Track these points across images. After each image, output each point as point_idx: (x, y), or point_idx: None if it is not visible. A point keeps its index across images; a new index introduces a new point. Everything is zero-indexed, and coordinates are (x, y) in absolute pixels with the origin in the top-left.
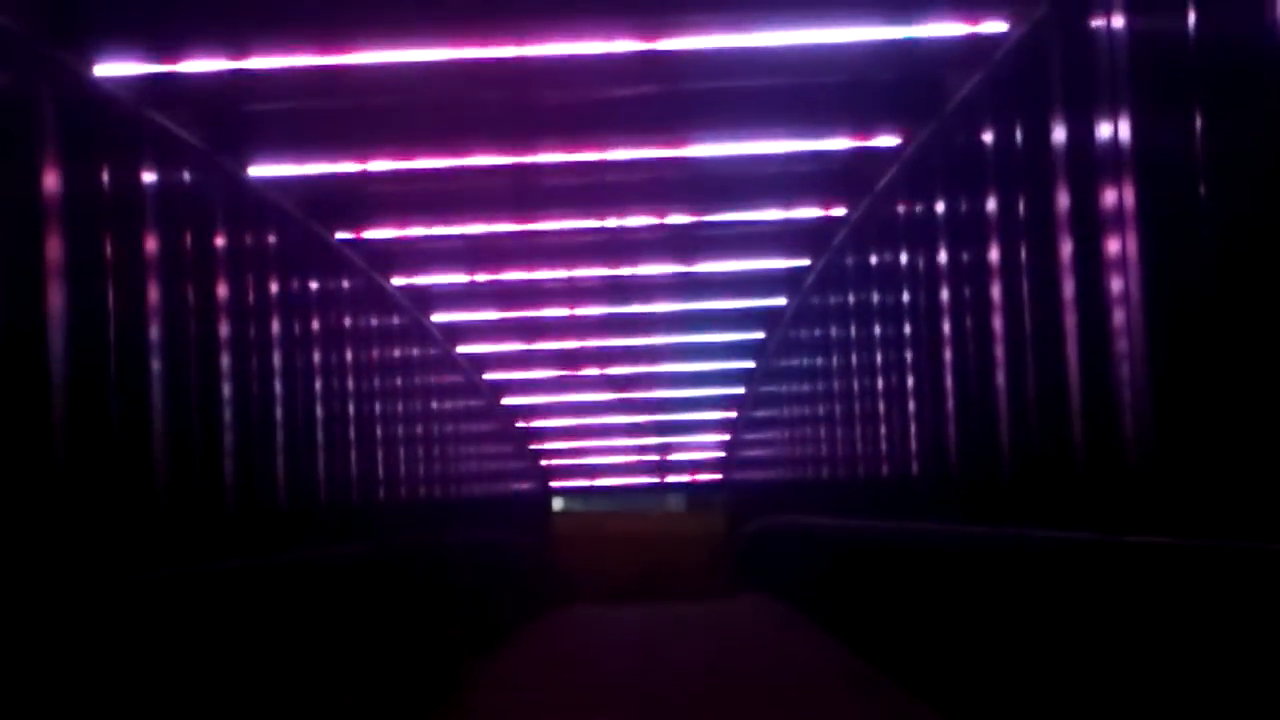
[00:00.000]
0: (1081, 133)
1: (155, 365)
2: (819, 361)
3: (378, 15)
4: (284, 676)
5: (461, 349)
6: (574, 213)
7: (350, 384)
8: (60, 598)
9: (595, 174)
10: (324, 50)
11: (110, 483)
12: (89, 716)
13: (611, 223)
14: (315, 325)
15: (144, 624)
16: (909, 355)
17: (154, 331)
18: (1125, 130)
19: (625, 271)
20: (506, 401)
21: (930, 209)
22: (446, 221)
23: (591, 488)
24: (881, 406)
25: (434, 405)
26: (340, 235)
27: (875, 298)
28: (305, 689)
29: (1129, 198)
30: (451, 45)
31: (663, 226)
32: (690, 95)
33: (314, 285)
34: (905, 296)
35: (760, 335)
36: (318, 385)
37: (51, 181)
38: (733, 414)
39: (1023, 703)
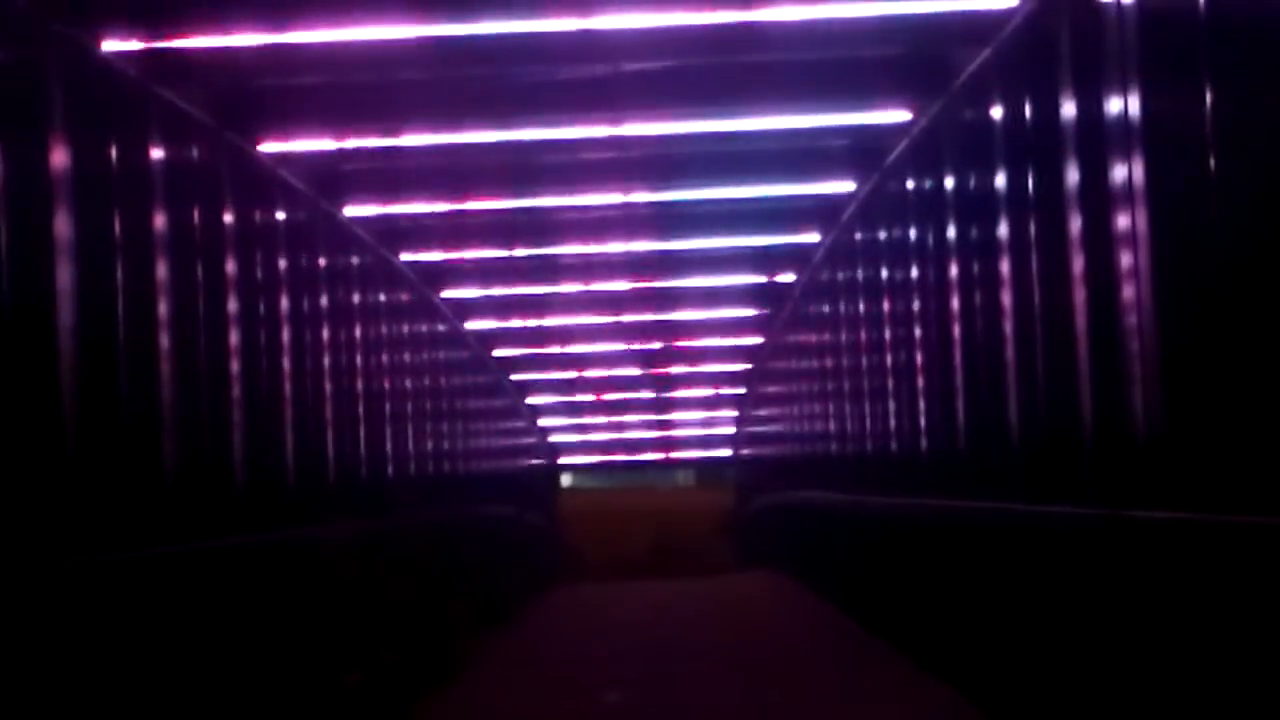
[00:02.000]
0: (1091, 108)
1: (164, 341)
2: (828, 337)
3: None
4: (290, 654)
5: (470, 325)
6: (583, 188)
7: (358, 360)
8: (61, 576)
9: (605, 149)
10: (332, 25)
11: (118, 458)
12: (92, 690)
13: (620, 198)
14: (323, 301)
15: (151, 600)
16: (918, 331)
17: (162, 307)
18: (1135, 105)
19: (634, 248)
20: (515, 378)
21: (939, 184)
22: (455, 197)
23: (600, 464)
24: (890, 382)
25: (442, 381)
26: (348, 211)
27: (884, 273)
28: (312, 666)
29: (1138, 173)
30: (464, 21)
31: (671, 202)
32: (698, 70)
33: (322, 261)
34: (914, 272)
35: (769, 311)
36: (326, 361)
37: (59, 158)
38: (742, 390)
39: (1035, 674)
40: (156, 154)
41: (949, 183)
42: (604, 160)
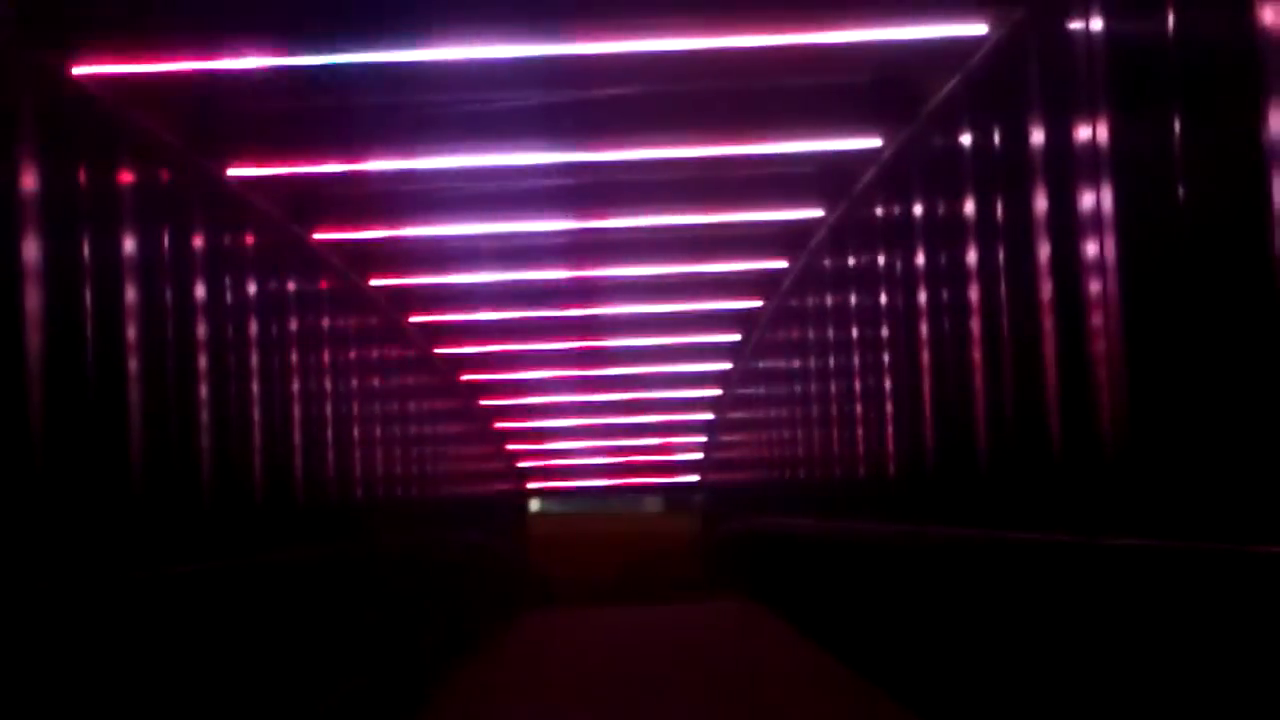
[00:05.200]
0: (1059, 135)
1: (132, 365)
2: (796, 363)
3: (358, 15)
4: (260, 681)
5: (439, 350)
6: (553, 214)
7: (327, 384)
8: (54, 598)
9: (574, 175)
10: (301, 51)
11: (87, 482)
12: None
13: (590, 224)
14: (292, 325)
15: (113, 627)
16: (886, 357)
17: (131, 330)
18: (1103, 133)
19: (604, 273)
20: (484, 403)
21: (908, 211)
22: (424, 222)
23: (568, 489)
24: (859, 409)
25: (410, 406)
26: (318, 235)
27: (852, 300)
28: (281, 694)
29: (1107, 200)
30: (430, 46)
31: (640, 228)
32: (668, 96)
33: (291, 285)
34: (883, 298)
35: (737, 337)
36: (294, 386)
37: (29, 181)
38: (709, 416)
39: (1000, 700)
40: (126, 178)
41: (918, 209)
42: (573, 186)
